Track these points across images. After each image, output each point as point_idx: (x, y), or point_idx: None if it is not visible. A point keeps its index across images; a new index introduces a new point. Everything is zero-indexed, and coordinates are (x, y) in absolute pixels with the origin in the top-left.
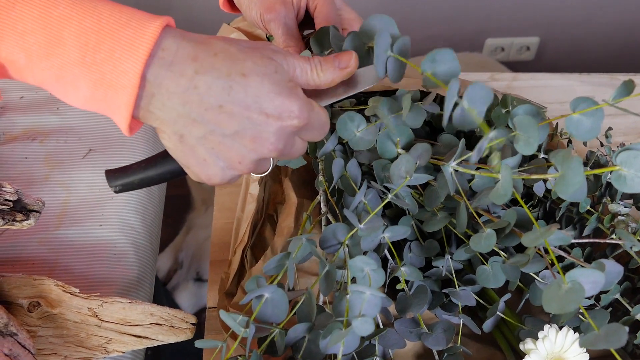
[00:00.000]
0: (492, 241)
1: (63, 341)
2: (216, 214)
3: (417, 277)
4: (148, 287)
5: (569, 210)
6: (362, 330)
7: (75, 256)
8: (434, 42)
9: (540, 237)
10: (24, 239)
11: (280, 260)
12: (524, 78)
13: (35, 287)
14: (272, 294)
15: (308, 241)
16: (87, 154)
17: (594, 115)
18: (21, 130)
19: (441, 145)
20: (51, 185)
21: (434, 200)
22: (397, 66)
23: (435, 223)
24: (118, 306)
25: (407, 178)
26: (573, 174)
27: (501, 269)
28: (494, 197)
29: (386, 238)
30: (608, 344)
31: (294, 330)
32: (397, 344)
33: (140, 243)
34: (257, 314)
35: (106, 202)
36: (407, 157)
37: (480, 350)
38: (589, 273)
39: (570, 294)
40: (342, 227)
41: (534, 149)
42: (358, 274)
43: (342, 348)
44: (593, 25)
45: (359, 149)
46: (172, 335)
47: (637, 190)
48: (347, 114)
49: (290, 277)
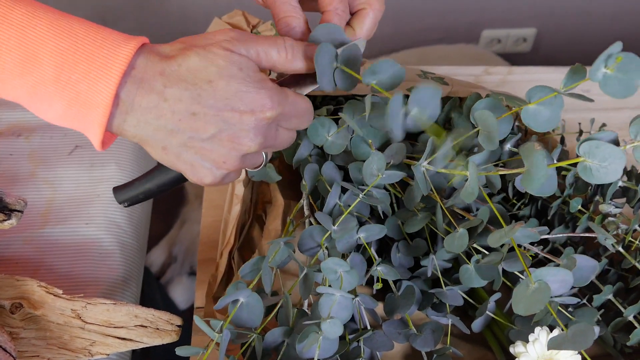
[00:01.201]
0: (465, 241)
1: (46, 343)
2: (205, 211)
3: (394, 275)
4: (135, 286)
5: (561, 209)
6: (331, 333)
7: (60, 255)
8: (430, 34)
9: (505, 235)
10: (8, 237)
11: (255, 264)
12: (518, 72)
13: (17, 287)
14: (247, 299)
15: (286, 245)
16: (73, 150)
17: (552, 104)
18: (5, 126)
19: (421, 144)
20: (36, 183)
21: (413, 200)
22: (346, 76)
23: (416, 223)
24: (102, 308)
25: (379, 176)
26: (537, 168)
27: (476, 270)
28: (464, 195)
29: (362, 238)
30: (575, 346)
31: (271, 334)
32: (384, 346)
33: (127, 242)
34: (234, 319)
35: (92, 200)
36: (378, 154)
37: (472, 351)
38: (556, 272)
39: (536, 294)
40: (318, 229)
41: (495, 144)
42: (331, 276)
43: (318, 352)
44: (590, 16)
45: (332, 153)
46: (158, 338)
47: (603, 181)
48: (317, 119)
49: (265, 282)
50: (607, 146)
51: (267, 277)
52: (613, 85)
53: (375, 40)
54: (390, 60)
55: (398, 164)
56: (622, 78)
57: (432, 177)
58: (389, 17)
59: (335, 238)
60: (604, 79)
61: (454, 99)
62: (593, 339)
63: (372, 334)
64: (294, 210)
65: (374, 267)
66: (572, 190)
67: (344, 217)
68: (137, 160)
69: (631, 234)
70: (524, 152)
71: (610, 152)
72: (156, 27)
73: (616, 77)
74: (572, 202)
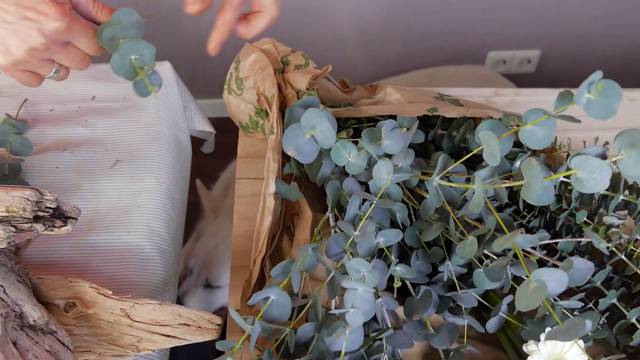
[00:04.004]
0: (474, 247)
1: (97, 339)
2: (236, 222)
3: (412, 274)
4: (172, 290)
5: (568, 221)
6: (354, 321)
7: (105, 260)
8: (437, 55)
9: (507, 240)
10: (57, 244)
11: (285, 267)
12: (526, 94)
13: (70, 288)
14: (278, 296)
15: (314, 250)
16: (114, 164)
17: (546, 125)
18: (52, 141)
19: (434, 162)
20: (81, 194)
21: (427, 212)
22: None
23: (431, 232)
24: (148, 307)
25: (389, 179)
26: (534, 180)
27: (485, 273)
28: (472, 206)
29: (381, 243)
30: (567, 337)
31: (302, 329)
32: (404, 344)
33: (166, 249)
34: (265, 314)
35: (133, 210)
36: (385, 160)
37: (486, 352)
38: (552, 272)
39: (535, 292)
40: (343, 236)
41: (497, 160)
42: (355, 275)
43: (345, 344)
44: (593, 38)
45: (352, 172)
46: (200, 335)
47: (593, 191)
48: (339, 142)
49: (295, 282)
50: (594, 160)
51: (296, 278)
52: (595, 109)
53: (385, 61)
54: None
55: (407, 165)
56: (603, 102)
57: (444, 190)
58: (398, 38)
59: (357, 242)
60: (588, 104)
61: (468, 122)
62: (584, 330)
63: (393, 332)
64: (320, 222)
65: (393, 267)
66: (578, 203)
67: (363, 223)
68: (173, 174)
69: (633, 243)
70: (524, 167)
71: (597, 165)
72: (176, 49)
73: (598, 102)
74: (578, 214)
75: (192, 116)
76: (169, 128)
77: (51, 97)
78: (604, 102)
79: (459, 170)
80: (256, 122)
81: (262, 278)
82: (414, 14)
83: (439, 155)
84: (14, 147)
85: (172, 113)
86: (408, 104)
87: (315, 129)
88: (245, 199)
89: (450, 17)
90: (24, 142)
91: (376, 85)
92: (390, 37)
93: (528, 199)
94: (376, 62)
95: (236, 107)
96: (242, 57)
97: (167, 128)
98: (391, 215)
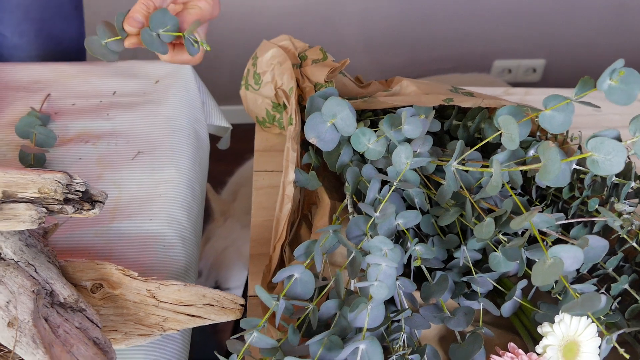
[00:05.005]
0: (491, 228)
1: (123, 319)
2: (254, 212)
3: (431, 253)
4: (193, 277)
5: (579, 209)
6: (379, 293)
7: (128, 247)
8: (444, 63)
9: (525, 219)
10: (81, 230)
11: (308, 246)
12: (535, 93)
13: (97, 270)
14: (301, 274)
15: (335, 233)
16: (136, 155)
17: (565, 110)
18: (74, 134)
19: (449, 150)
20: (104, 184)
21: (444, 197)
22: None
23: (448, 217)
24: (174, 288)
25: (408, 163)
26: (551, 162)
27: (502, 253)
28: (489, 188)
29: (400, 224)
30: (583, 309)
31: (325, 306)
32: (422, 325)
33: (187, 236)
34: (289, 292)
35: (155, 199)
36: (405, 145)
37: (500, 335)
38: (569, 249)
39: (552, 268)
40: (363, 218)
41: (516, 144)
42: (377, 253)
43: (368, 319)
44: (598, 48)
45: (372, 158)
46: (224, 315)
47: (609, 172)
48: (359, 129)
49: (317, 261)
50: (610, 141)
51: (318, 257)
52: (616, 95)
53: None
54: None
55: (426, 151)
56: (624, 89)
57: (461, 176)
58: (406, 46)
59: (377, 223)
60: (609, 89)
61: (483, 112)
62: (600, 304)
63: (411, 314)
64: (338, 209)
65: (412, 247)
66: (590, 191)
67: (384, 204)
68: (193, 165)
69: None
70: (541, 150)
71: (613, 147)
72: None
73: (619, 88)
74: (590, 202)
75: (210, 111)
76: (188, 122)
77: (73, 92)
78: (625, 89)
79: (474, 158)
80: (273, 116)
81: (282, 264)
82: (421, 22)
83: (455, 143)
84: (38, 138)
85: (191, 107)
86: (424, 95)
87: (336, 117)
88: (263, 190)
89: (456, 25)
90: (48, 133)
91: (391, 79)
92: (397, 45)
93: (545, 181)
94: (382, 70)
95: (253, 102)
96: (259, 53)
97: (187, 122)
98: (409, 200)
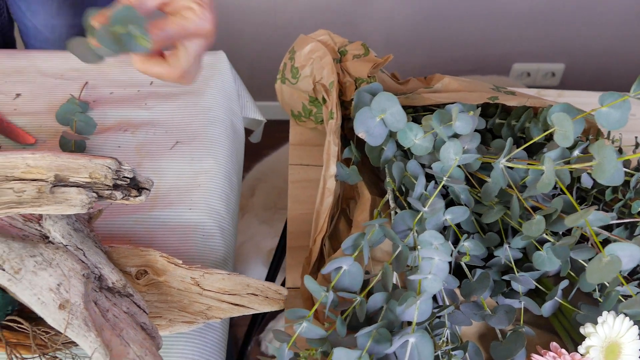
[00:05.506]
0: (542, 226)
1: (167, 306)
2: (290, 205)
3: (480, 249)
4: (231, 267)
5: (621, 212)
6: (432, 286)
7: (169, 235)
8: (462, 65)
9: (581, 217)
10: (121, 217)
11: (356, 240)
12: (568, 95)
13: (142, 257)
14: (350, 267)
15: (380, 226)
16: (175, 145)
17: (621, 107)
18: (113, 122)
19: (493, 149)
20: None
21: (490, 195)
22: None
23: (492, 215)
24: (218, 277)
25: (457, 159)
26: (607, 160)
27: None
28: (541, 186)
29: (448, 220)
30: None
31: (373, 299)
32: (463, 321)
33: (225, 227)
34: (337, 284)
35: (194, 189)
36: (454, 141)
37: (539, 335)
38: (625, 247)
39: (609, 266)
40: (410, 213)
41: (570, 142)
42: (427, 247)
43: (417, 313)
44: (617, 54)
45: (418, 154)
46: (267, 305)
47: None
48: (407, 124)
49: (365, 253)
50: None
51: (366, 250)
52: None
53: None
54: None
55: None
56: None
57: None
58: (425, 46)
59: (425, 218)
60: None
61: (528, 111)
62: None
63: (453, 310)
64: (380, 204)
65: (461, 243)
66: (634, 193)
67: (432, 199)
68: (230, 156)
69: None
70: (596, 148)
71: None
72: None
73: None
74: (633, 204)
75: (245, 104)
76: (225, 113)
77: (110, 81)
78: None
79: (520, 156)
80: (309, 110)
81: (321, 257)
82: (442, 24)
83: (500, 142)
84: (78, 125)
85: (227, 99)
86: (468, 92)
87: (385, 112)
88: (299, 184)
89: (477, 27)
90: (88, 121)
91: (431, 76)
92: (417, 45)
93: (600, 179)
94: (401, 69)
95: (289, 96)
96: (297, 47)
97: (224, 113)
98: (454, 196)
